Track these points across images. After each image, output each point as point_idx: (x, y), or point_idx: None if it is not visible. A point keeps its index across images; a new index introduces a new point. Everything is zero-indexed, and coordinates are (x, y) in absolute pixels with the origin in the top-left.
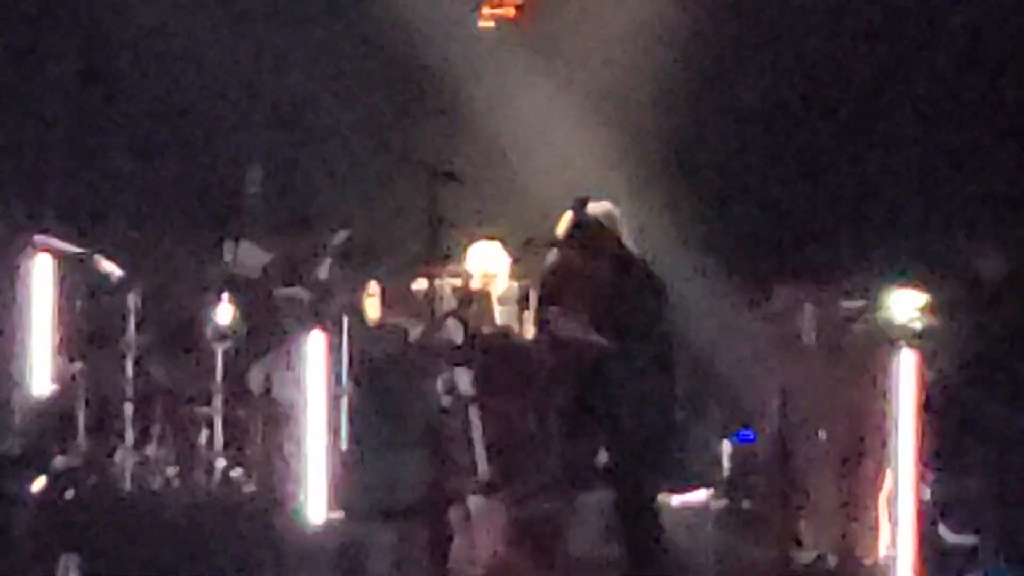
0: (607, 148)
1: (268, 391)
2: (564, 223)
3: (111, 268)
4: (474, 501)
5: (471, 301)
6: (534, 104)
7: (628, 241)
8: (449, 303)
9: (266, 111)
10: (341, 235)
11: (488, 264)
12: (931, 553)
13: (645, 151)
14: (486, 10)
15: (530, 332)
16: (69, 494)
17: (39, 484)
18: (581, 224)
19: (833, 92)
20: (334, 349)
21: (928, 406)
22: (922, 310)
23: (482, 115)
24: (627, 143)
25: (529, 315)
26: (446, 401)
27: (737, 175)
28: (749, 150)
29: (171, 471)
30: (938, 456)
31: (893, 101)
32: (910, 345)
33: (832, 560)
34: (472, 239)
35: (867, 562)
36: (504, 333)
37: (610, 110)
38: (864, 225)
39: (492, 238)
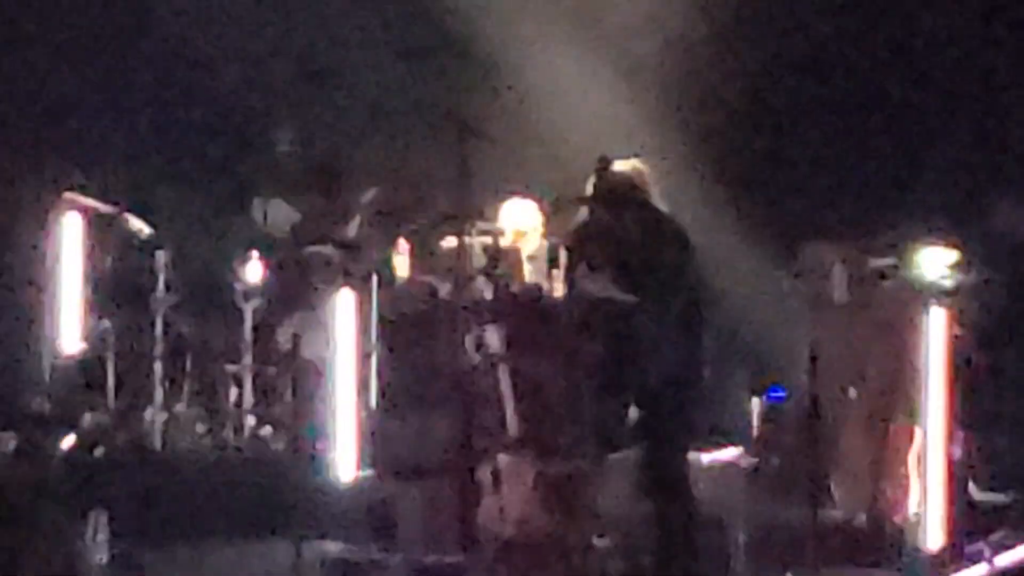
0: (638, 107)
1: (297, 349)
2: (595, 181)
3: (141, 226)
4: (503, 459)
5: (501, 259)
6: (567, 63)
7: (656, 199)
8: (479, 261)
9: (296, 68)
10: (370, 193)
11: (519, 222)
12: (961, 511)
13: (676, 110)
14: None
15: (560, 290)
16: (99, 451)
17: (68, 442)
18: (607, 182)
19: (863, 47)
20: (363, 307)
21: (958, 363)
22: (952, 267)
23: (514, 73)
24: (658, 102)
25: (559, 273)
26: (475, 359)
27: (766, 133)
28: (778, 108)
29: (200, 428)
30: (968, 414)
31: (923, 54)
32: (940, 302)
33: (862, 518)
34: (503, 197)
35: (897, 520)
36: (534, 291)
37: (641, 69)
38: (894, 181)
39: (523, 195)
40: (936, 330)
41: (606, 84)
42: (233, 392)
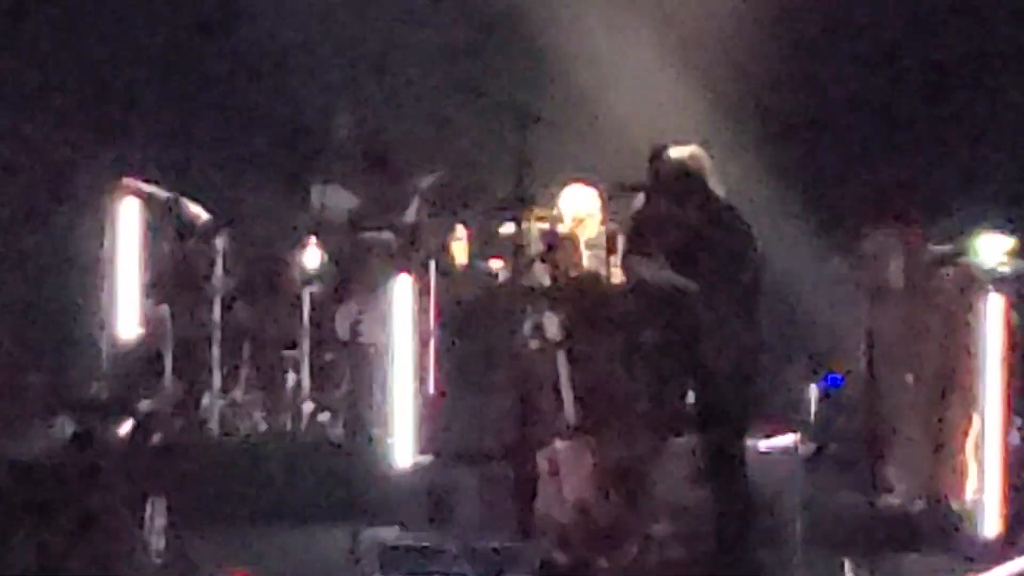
0: (697, 92)
1: (355, 335)
2: (653, 167)
3: (198, 211)
4: (561, 445)
5: (558, 245)
6: (626, 49)
7: (715, 185)
8: (537, 247)
9: (355, 53)
10: (429, 179)
11: (577, 208)
12: (1018, 498)
13: (733, 95)
14: None
15: (617, 277)
16: (156, 438)
17: (126, 428)
18: (664, 169)
19: (925, 31)
20: (421, 293)
21: (1016, 350)
22: (1011, 254)
23: (573, 59)
24: (716, 87)
25: (616, 260)
26: (533, 345)
27: (827, 118)
28: (841, 93)
29: (258, 415)
30: None
31: (990, 38)
32: (998, 289)
33: (919, 504)
34: (561, 183)
35: (955, 506)
36: (592, 278)
37: (702, 54)
38: (955, 168)
39: (581, 182)
40: (994, 316)
41: (666, 69)
42: (291, 378)
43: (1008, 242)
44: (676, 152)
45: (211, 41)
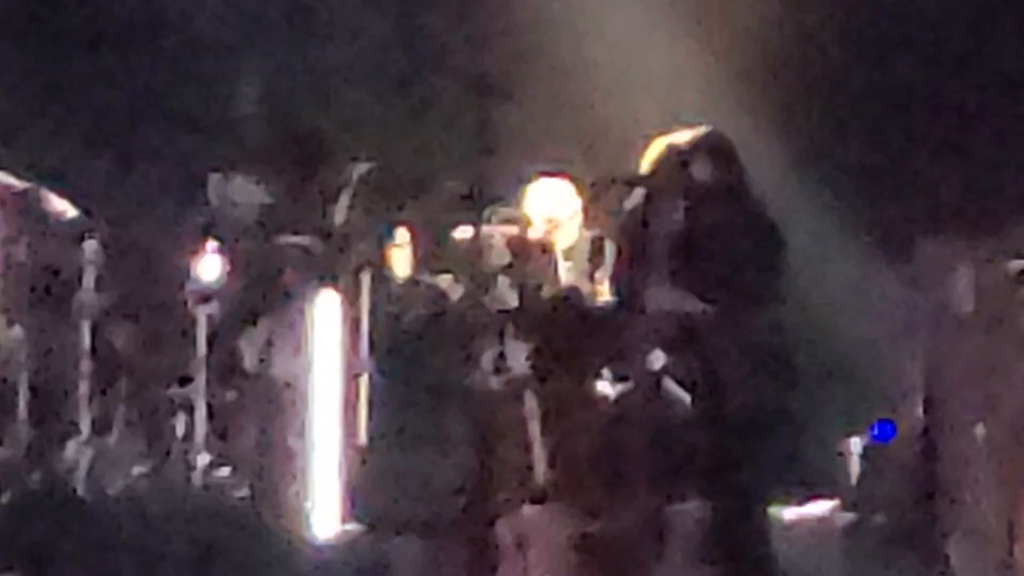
0: (705, 67)
1: (265, 368)
2: (652, 156)
3: (64, 207)
4: (528, 512)
5: (528, 255)
6: (615, 12)
7: (742, 180)
8: (501, 257)
9: (268, 8)
10: (362, 168)
11: (552, 208)
12: None
13: (753, 70)
14: None
15: (603, 294)
16: (5, 497)
17: None
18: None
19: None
20: (351, 314)
21: None
22: None
23: (549, 22)
24: (733, 62)
25: (603, 273)
26: (495, 382)
27: (871, 102)
28: (887, 73)
29: (138, 468)
30: None
31: None
32: None
33: None
34: (532, 176)
35: None
36: (570, 295)
37: (710, 21)
38: None
39: (558, 175)
40: None
41: (666, 38)
42: (181, 422)
43: None
44: (684, 136)
45: None
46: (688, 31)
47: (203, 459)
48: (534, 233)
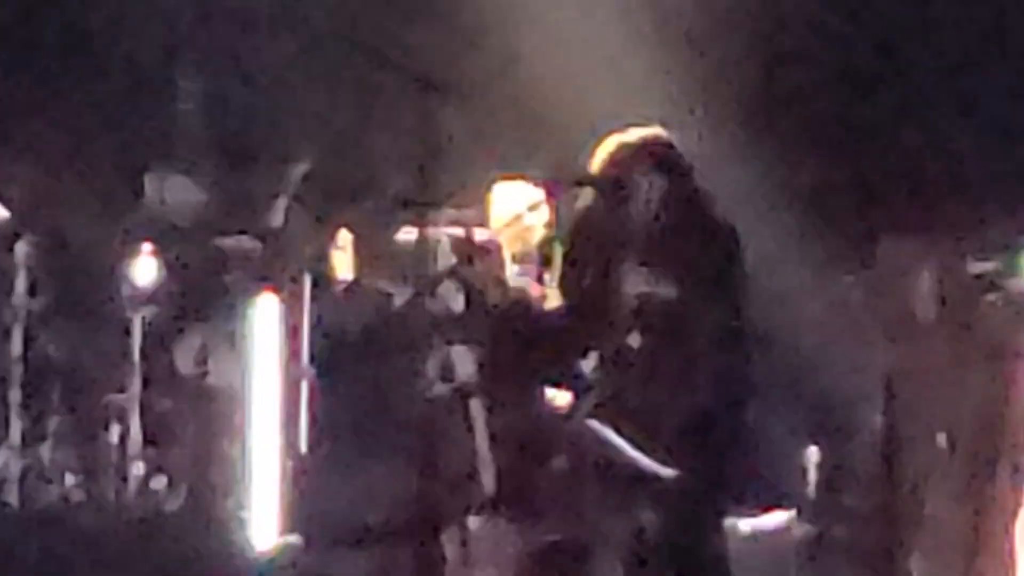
0: (660, 62)
1: (202, 375)
2: (602, 156)
3: None
4: (475, 524)
5: (475, 258)
6: (561, 7)
7: (686, 176)
8: (446, 260)
9: (206, 4)
10: (302, 167)
11: (501, 209)
12: None
13: (709, 67)
14: None
15: (552, 299)
16: None
17: None
18: (621, 157)
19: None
20: (291, 319)
21: None
22: None
23: (499, 16)
24: (686, 56)
25: (552, 276)
26: (440, 390)
27: (831, 97)
28: (847, 73)
29: (71, 479)
30: None
31: None
32: None
33: None
34: (480, 176)
35: None
36: (518, 300)
37: (666, 14)
38: (999, 163)
39: (507, 175)
40: None
41: (621, 31)
42: (115, 431)
43: None
44: (634, 135)
45: None
46: (643, 28)
47: (138, 469)
48: (482, 235)
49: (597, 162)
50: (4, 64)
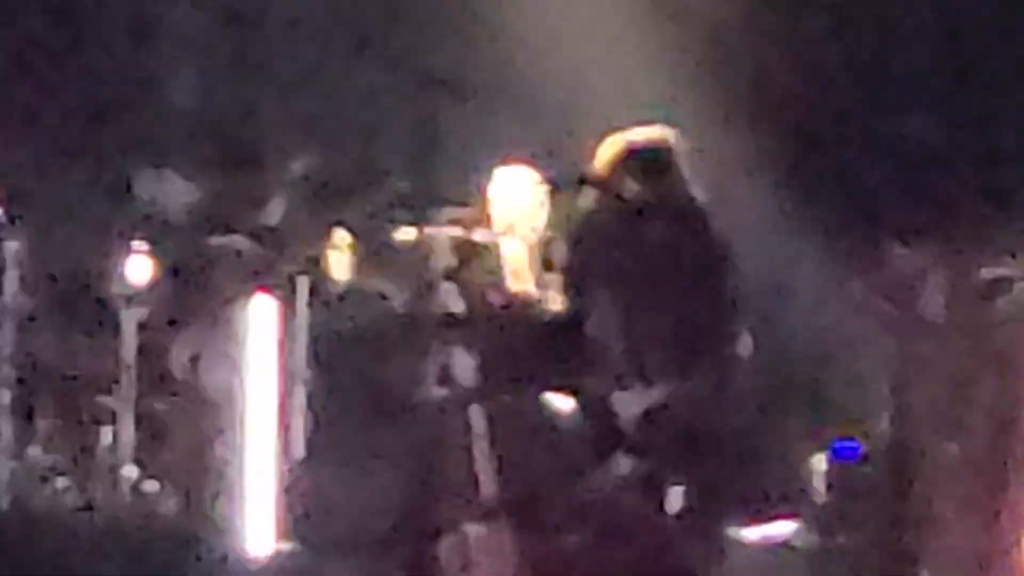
0: (667, 58)
1: (196, 377)
2: (607, 154)
3: None
4: (473, 531)
5: (475, 258)
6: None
7: (688, 181)
8: (446, 260)
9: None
10: (299, 165)
11: (502, 208)
12: None
13: (718, 63)
14: None
15: (555, 302)
16: None
17: None
18: (625, 157)
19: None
20: (287, 320)
21: None
22: None
23: (498, 14)
24: (692, 53)
25: (554, 278)
26: (438, 394)
27: (840, 97)
28: (858, 74)
29: (62, 482)
30: None
31: None
32: None
33: None
34: (480, 174)
35: None
36: (519, 303)
37: (674, 8)
38: (1010, 167)
39: (509, 172)
40: None
41: (625, 24)
42: (107, 433)
43: None
44: (639, 134)
45: None
46: (651, 24)
47: (130, 472)
48: (482, 235)
49: (597, 162)
50: (1, 66)
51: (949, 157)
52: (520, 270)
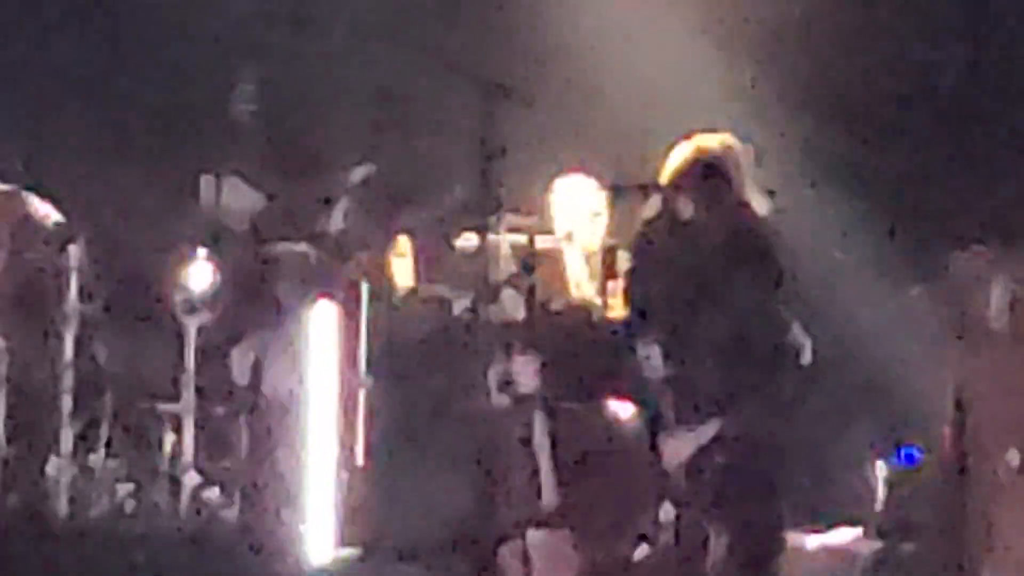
0: (729, 66)
1: (257, 383)
2: (671, 163)
3: (47, 210)
4: (535, 537)
5: (538, 265)
6: (636, 6)
7: (749, 188)
8: (508, 267)
9: (265, 6)
10: (361, 171)
11: (564, 215)
12: None
13: (781, 70)
14: None
15: (616, 309)
16: None
17: None
18: (690, 165)
19: None
20: (349, 327)
21: None
22: None
23: (563, 17)
24: (755, 61)
25: (617, 285)
26: (501, 401)
27: (905, 115)
28: (921, 82)
29: (123, 490)
30: None
31: None
32: None
33: None
34: (543, 182)
35: None
36: (582, 310)
37: (736, 16)
38: None
39: (572, 180)
40: None
41: (690, 33)
42: (169, 440)
43: None
44: (703, 143)
45: None
46: (717, 33)
47: (191, 479)
48: (545, 242)
49: (662, 170)
50: (59, 66)
51: (1014, 165)
52: (581, 278)
